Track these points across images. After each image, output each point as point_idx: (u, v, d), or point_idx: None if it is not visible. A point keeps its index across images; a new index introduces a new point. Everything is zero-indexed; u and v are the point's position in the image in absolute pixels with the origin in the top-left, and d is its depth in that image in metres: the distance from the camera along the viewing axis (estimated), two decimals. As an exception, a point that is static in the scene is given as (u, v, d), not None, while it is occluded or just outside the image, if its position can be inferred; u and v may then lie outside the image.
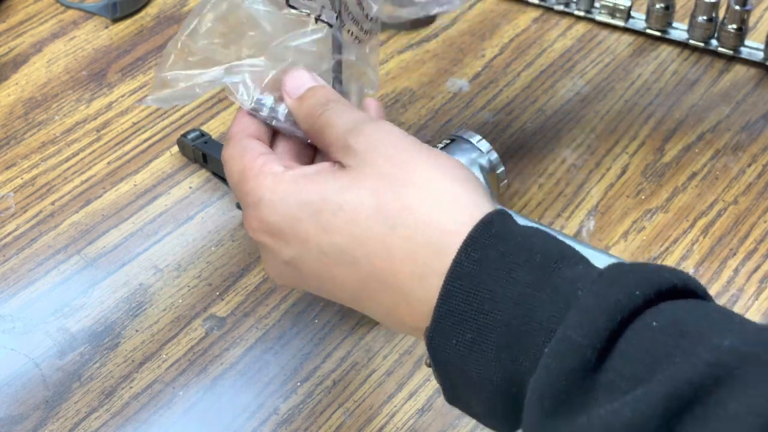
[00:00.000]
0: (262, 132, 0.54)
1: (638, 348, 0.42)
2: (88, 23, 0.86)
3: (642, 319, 0.42)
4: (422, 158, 0.48)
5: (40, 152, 0.75)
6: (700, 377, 0.39)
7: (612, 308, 0.42)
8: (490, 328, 0.44)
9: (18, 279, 0.66)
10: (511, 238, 0.45)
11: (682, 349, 0.41)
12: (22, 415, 0.59)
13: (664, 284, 0.43)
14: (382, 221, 0.47)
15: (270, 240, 0.50)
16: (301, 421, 0.59)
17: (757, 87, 0.80)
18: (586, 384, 0.42)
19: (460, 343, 0.45)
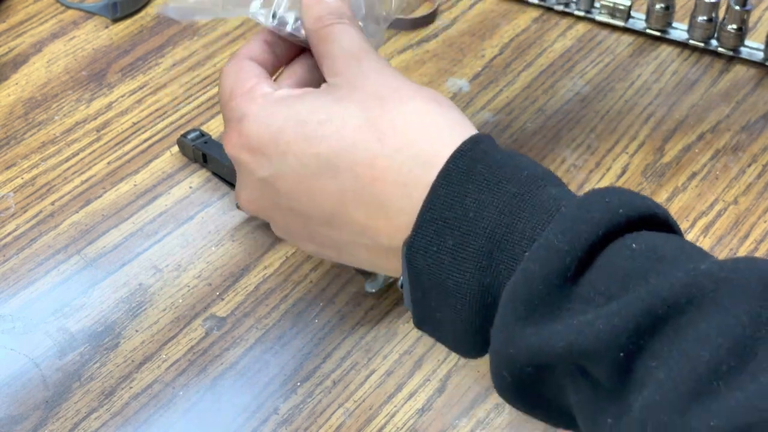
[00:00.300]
0: (267, 60, 0.54)
1: (616, 266, 0.42)
2: (88, 23, 0.86)
3: (622, 240, 0.43)
4: (410, 85, 0.49)
5: (40, 152, 0.75)
6: (674, 296, 0.40)
7: (595, 221, 0.42)
8: (473, 235, 0.44)
9: (18, 279, 0.66)
10: (499, 155, 0.46)
11: (658, 271, 0.41)
12: (22, 415, 0.59)
13: (647, 211, 0.44)
14: (370, 132, 0.47)
15: (248, 156, 0.50)
16: (301, 421, 0.59)
17: (757, 87, 0.80)
18: (562, 293, 0.42)
19: (441, 250, 0.45)
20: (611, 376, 0.41)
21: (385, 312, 0.64)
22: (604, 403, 0.41)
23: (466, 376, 0.61)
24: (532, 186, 0.45)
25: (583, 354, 0.41)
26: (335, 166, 0.48)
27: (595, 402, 0.42)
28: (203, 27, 0.85)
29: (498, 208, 0.44)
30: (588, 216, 0.43)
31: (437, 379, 0.61)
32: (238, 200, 0.54)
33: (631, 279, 0.41)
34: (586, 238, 0.42)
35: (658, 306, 0.40)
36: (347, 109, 0.48)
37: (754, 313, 0.39)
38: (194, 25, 0.86)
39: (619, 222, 0.43)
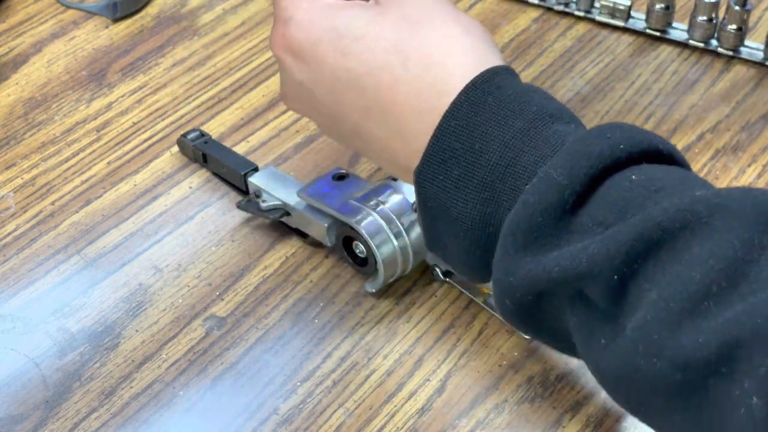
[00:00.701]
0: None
1: (614, 197, 0.43)
2: (88, 23, 0.86)
3: (622, 173, 0.44)
4: (448, 11, 0.51)
5: (40, 152, 0.75)
6: (669, 221, 0.41)
7: (595, 156, 0.44)
8: (478, 167, 0.46)
9: (18, 279, 0.66)
10: (512, 90, 0.47)
11: (656, 201, 0.42)
12: (22, 415, 0.59)
13: (649, 145, 0.45)
14: (396, 56, 0.49)
15: (290, 58, 0.53)
16: (301, 421, 0.59)
17: (757, 87, 0.80)
18: (560, 224, 0.43)
19: (447, 180, 0.47)
20: (606, 299, 0.42)
21: (385, 312, 0.65)
22: (598, 324, 0.43)
23: (466, 376, 0.61)
24: (539, 122, 0.46)
25: (579, 278, 0.42)
26: (362, 84, 0.50)
27: (591, 324, 0.43)
28: (203, 27, 0.85)
29: (503, 142, 0.46)
30: (587, 150, 0.44)
31: (437, 379, 0.61)
32: (282, 96, 0.57)
33: (628, 208, 0.42)
34: (585, 172, 0.43)
35: (653, 231, 0.41)
36: (381, 30, 0.50)
37: (746, 237, 0.40)
38: (194, 25, 0.86)
39: (620, 157, 0.44)
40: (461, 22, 0.50)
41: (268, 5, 0.87)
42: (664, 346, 0.39)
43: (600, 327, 0.43)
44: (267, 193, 0.68)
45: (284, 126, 0.77)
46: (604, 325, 0.43)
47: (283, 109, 0.78)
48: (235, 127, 0.77)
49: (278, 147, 0.75)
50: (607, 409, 0.59)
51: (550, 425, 0.59)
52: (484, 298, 0.64)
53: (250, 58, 0.83)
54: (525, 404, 0.60)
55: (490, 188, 0.46)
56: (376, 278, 0.64)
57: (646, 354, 0.40)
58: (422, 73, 0.49)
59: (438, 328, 0.64)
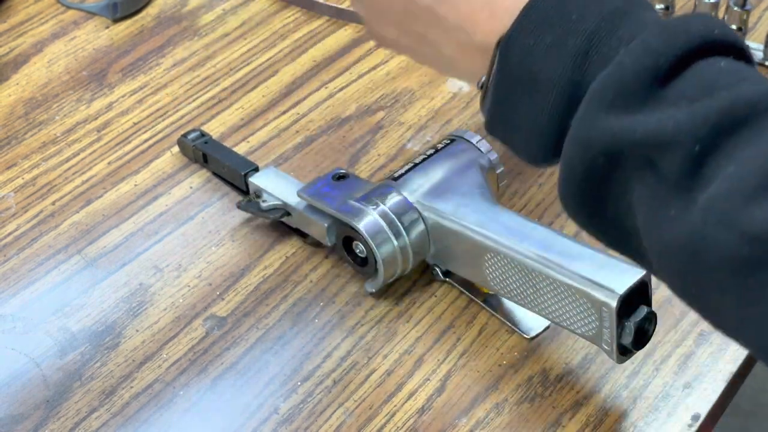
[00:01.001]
0: None
1: (704, 77, 0.44)
2: (88, 23, 0.86)
3: (713, 59, 0.45)
4: None
5: (40, 152, 0.75)
6: (757, 96, 0.41)
7: (692, 32, 0.45)
8: (573, 34, 0.47)
9: (18, 279, 0.67)
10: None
11: (742, 86, 0.43)
12: (23, 414, 0.59)
13: (737, 41, 0.46)
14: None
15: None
16: (301, 421, 0.59)
17: (757, 87, 0.80)
18: (650, 91, 0.44)
19: (538, 44, 0.47)
20: (682, 169, 0.42)
21: (385, 312, 0.65)
22: (669, 196, 0.43)
23: (466, 376, 0.61)
24: (636, 5, 0.48)
25: (661, 144, 0.42)
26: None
27: (660, 196, 0.43)
28: (203, 27, 0.85)
29: (601, 15, 0.47)
30: (686, 27, 0.45)
31: (437, 379, 0.61)
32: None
33: (717, 88, 0.43)
34: (681, 46, 0.44)
35: (741, 107, 0.41)
36: None
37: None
38: (194, 25, 0.86)
39: (714, 40, 0.45)
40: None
41: (268, 5, 0.87)
42: (736, 218, 0.39)
43: (670, 198, 0.43)
44: (267, 193, 0.68)
45: (284, 126, 0.77)
46: (675, 196, 0.42)
47: (283, 109, 0.78)
48: (236, 128, 0.77)
49: (278, 147, 0.75)
50: (607, 409, 0.60)
51: (550, 425, 0.59)
52: (484, 297, 0.65)
53: (250, 58, 0.83)
54: (525, 404, 0.60)
55: (583, 55, 0.46)
56: (376, 278, 0.64)
57: (717, 224, 0.40)
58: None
59: (438, 328, 0.64)
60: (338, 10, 0.86)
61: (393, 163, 0.74)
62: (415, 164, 0.64)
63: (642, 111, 0.44)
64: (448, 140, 0.66)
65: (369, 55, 0.83)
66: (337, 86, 0.80)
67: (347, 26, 0.86)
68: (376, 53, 0.83)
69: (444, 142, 0.66)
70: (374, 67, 0.82)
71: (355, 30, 0.85)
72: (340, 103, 0.79)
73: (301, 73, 0.82)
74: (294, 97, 0.80)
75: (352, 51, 0.83)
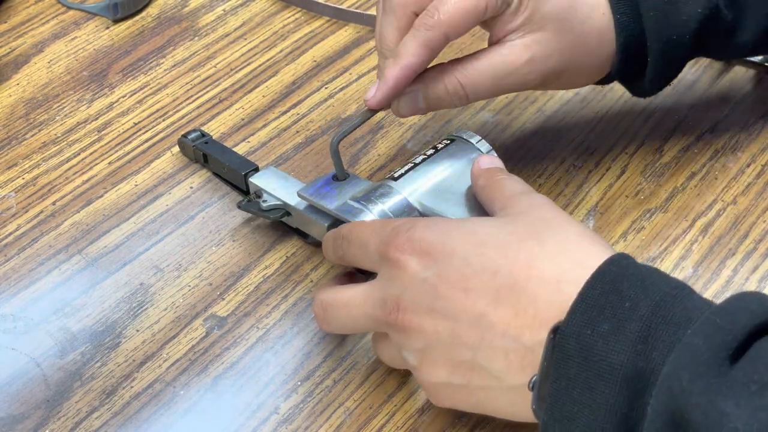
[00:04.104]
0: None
1: (765, 358, 0.44)
2: (89, 24, 0.86)
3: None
4: (569, 217, 0.54)
5: (41, 152, 0.75)
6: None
7: (751, 311, 0.45)
8: (629, 321, 0.47)
9: (19, 279, 0.67)
10: (643, 267, 0.50)
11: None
12: (23, 414, 0.60)
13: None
14: (533, 240, 0.52)
15: (415, 259, 0.53)
16: (302, 421, 0.59)
17: (756, 88, 0.80)
18: (722, 370, 0.44)
19: (595, 333, 0.47)
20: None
21: (385, 312, 0.65)
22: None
23: (466, 375, 0.61)
24: (682, 289, 0.48)
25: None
26: (497, 265, 0.51)
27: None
28: (204, 27, 0.86)
29: (654, 302, 0.47)
30: (745, 305, 0.45)
31: (437, 378, 0.61)
32: (393, 298, 0.54)
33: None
34: (744, 324, 0.44)
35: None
36: (515, 226, 0.53)
37: None
38: (195, 25, 0.86)
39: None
40: (580, 223, 0.54)
41: (268, 6, 0.87)
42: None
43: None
44: (267, 193, 0.68)
45: (285, 126, 0.77)
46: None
47: (283, 109, 0.79)
48: (236, 128, 0.77)
49: (279, 147, 0.76)
50: (606, 408, 0.60)
51: (550, 424, 0.59)
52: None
53: (250, 58, 0.83)
54: (524, 403, 0.60)
55: (642, 341, 0.46)
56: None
57: None
58: (559, 253, 0.51)
59: (438, 328, 0.64)
60: (338, 10, 0.86)
61: (393, 163, 0.74)
62: (415, 164, 0.65)
63: (726, 396, 0.43)
64: (448, 140, 0.66)
65: (369, 56, 0.83)
66: (337, 86, 0.81)
67: (347, 26, 0.86)
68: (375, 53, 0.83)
69: (444, 142, 0.66)
70: (374, 68, 0.82)
71: (355, 30, 0.85)
72: (340, 103, 0.79)
73: (302, 73, 0.82)
74: (294, 98, 0.80)
75: (352, 51, 0.84)
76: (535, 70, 0.63)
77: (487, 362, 0.51)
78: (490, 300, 0.51)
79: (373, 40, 0.84)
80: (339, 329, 0.59)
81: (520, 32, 0.62)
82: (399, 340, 0.55)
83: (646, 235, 0.69)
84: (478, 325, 0.51)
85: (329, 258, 0.61)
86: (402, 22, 0.62)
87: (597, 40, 0.65)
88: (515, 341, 0.50)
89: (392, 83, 0.62)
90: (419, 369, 0.54)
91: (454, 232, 0.54)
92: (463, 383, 0.53)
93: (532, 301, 0.50)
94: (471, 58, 0.63)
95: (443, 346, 0.53)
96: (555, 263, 0.51)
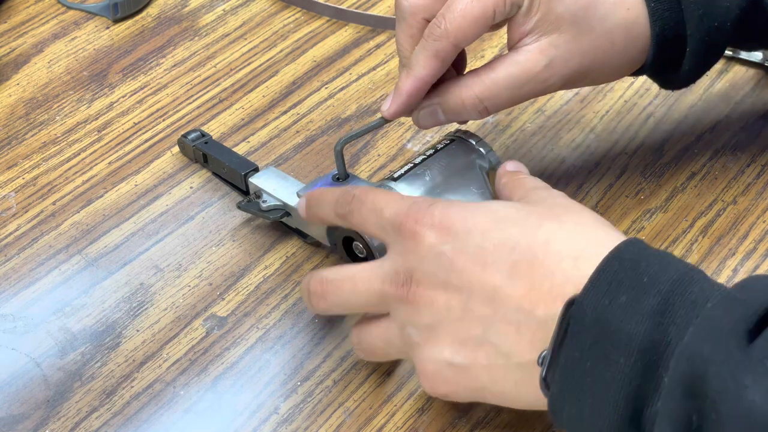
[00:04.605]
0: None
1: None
2: (89, 24, 0.86)
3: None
4: (584, 206, 0.55)
5: (41, 152, 0.75)
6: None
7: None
8: (647, 295, 0.47)
9: (19, 279, 0.67)
10: (657, 250, 0.50)
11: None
12: (24, 414, 0.60)
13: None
14: (552, 221, 0.52)
15: (434, 233, 0.54)
16: (302, 421, 0.59)
17: (756, 88, 0.80)
18: (742, 344, 0.43)
19: (613, 304, 0.47)
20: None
21: (385, 312, 0.65)
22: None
23: (466, 375, 0.61)
24: (698, 272, 0.48)
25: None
26: (515, 241, 0.52)
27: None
28: (204, 27, 0.86)
29: (672, 279, 0.47)
30: (763, 284, 0.46)
31: (437, 378, 0.61)
32: (407, 277, 0.55)
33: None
34: (763, 300, 0.45)
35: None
36: (534, 208, 0.54)
37: None
38: (195, 25, 0.86)
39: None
40: (595, 212, 0.55)
41: (268, 6, 0.87)
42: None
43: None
44: (267, 193, 0.68)
45: (284, 126, 0.77)
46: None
47: (283, 109, 0.79)
48: (236, 128, 0.77)
49: (278, 147, 0.76)
50: (606, 408, 0.60)
51: (549, 425, 0.59)
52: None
53: (250, 58, 0.83)
54: (524, 404, 0.60)
55: (660, 315, 0.46)
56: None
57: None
58: (578, 233, 0.52)
59: (438, 328, 0.64)
60: (338, 10, 0.86)
61: (393, 163, 0.74)
62: (415, 164, 0.65)
63: (741, 365, 0.43)
64: (448, 140, 0.66)
65: (369, 56, 0.83)
66: (337, 86, 0.81)
67: (347, 26, 0.86)
68: (375, 53, 0.83)
69: (444, 142, 0.66)
70: (374, 68, 0.82)
71: (355, 30, 0.85)
72: (340, 104, 0.79)
73: (302, 73, 0.82)
74: (294, 98, 0.80)
75: (352, 51, 0.84)
76: (555, 75, 0.62)
77: (496, 338, 0.51)
78: (506, 274, 0.51)
79: (373, 40, 0.84)
80: (336, 307, 0.58)
81: (534, 35, 0.61)
82: (406, 315, 0.54)
83: (646, 235, 0.69)
84: (492, 299, 0.51)
85: (321, 214, 0.60)
86: (414, 29, 0.62)
87: (623, 37, 0.63)
88: (528, 315, 0.50)
89: (405, 96, 0.62)
90: (422, 347, 0.54)
91: (475, 211, 0.54)
92: (467, 363, 0.53)
93: (548, 276, 0.50)
94: (488, 68, 0.62)
95: (453, 322, 0.53)
96: (573, 242, 0.51)
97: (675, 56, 0.65)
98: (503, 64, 0.62)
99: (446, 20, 0.60)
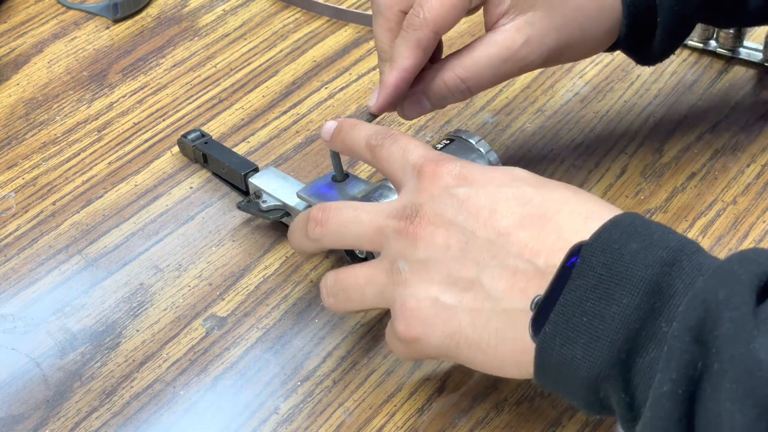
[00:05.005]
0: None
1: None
2: (89, 24, 0.86)
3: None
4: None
5: (41, 152, 0.75)
6: None
7: (763, 263, 0.45)
8: (658, 247, 0.47)
9: (19, 279, 0.67)
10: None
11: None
12: (23, 414, 0.60)
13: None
14: (567, 189, 0.54)
15: (452, 178, 0.55)
16: (302, 421, 0.59)
17: (756, 88, 0.80)
18: (754, 297, 0.43)
19: (623, 249, 0.47)
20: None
21: (386, 311, 0.65)
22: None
23: (466, 375, 0.61)
24: (694, 244, 0.48)
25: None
26: (529, 197, 0.53)
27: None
28: (204, 27, 0.86)
29: (681, 241, 0.48)
30: (755, 258, 0.45)
31: (437, 378, 0.61)
32: (413, 215, 0.55)
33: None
34: (765, 270, 0.45)
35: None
36: (549, 180, 0.55)
37: None
38: (195, 25, 0.86)
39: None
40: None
41: (268, 6, 0.87)
42: None
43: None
44: (267, 193, 0.68)
45: (284, 126, 0.77)
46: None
47: (283, 109, 0.79)
48: (236, 128, 0.77)
49: (278, 147, 0.76)
50: (606, 408, 0.60)
51: (550, 425, 0.59)
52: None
53: (250, 58, 0.83)
54: (524, 404, 0.60)
55: (669, 265, 0.46)
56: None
57: None
58: (593, 200, 0.53)
59: (438, 328, 0.64)
60: (338, 10, 0.86)
61: (393, 164, 0.74)
62: (415, 164, 0.65)
63: (753, 318, 0.43)
64: (448, 140, 0.66)
65: (369, 56, 0.83)
66: (337, 86, 0.81)
67: (347, 27, 0.86)
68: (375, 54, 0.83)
69: (443, 141, 0.66)
70: (374, 68, 0.82)
71: (355, 30, 0.85)
72: (340, 104, 0.79)
73: (301, 73, 0.82)
74: (294, 98, 0.80)
75: (352, 51, 0.84)
76: (534, 52, 0.63)
77: (489, 281, 0.51)
78: (514, 222, 0.52)
79: (373, 41, 0.84)
80: (331, 236, 0.57)
81: (510, 15, 0.62)
82: (401, 248, 0.54)
83: (645, 235, 0.69)
84: (493, 242, 0.52)
85: (351, 139, 0.61)
86: (392, 23, 0.62)
87: (597, 10, 0.64)
88: (528, 262, 0.50)
89: (392, 89, 0.62)
90: (408, 283, 0.53)
91: (495, 170, 0.55)
92: (452, 303, 0.52)
93: (556, 229, 0.51)
94: (467, 50, 0.63)
95: (448, 260, 0.53)
96: (586, 206, 0.52)
97: (647, 27, 0.66)
98: (482, 44, 0.63)
99: (424, 9, 0.60)
